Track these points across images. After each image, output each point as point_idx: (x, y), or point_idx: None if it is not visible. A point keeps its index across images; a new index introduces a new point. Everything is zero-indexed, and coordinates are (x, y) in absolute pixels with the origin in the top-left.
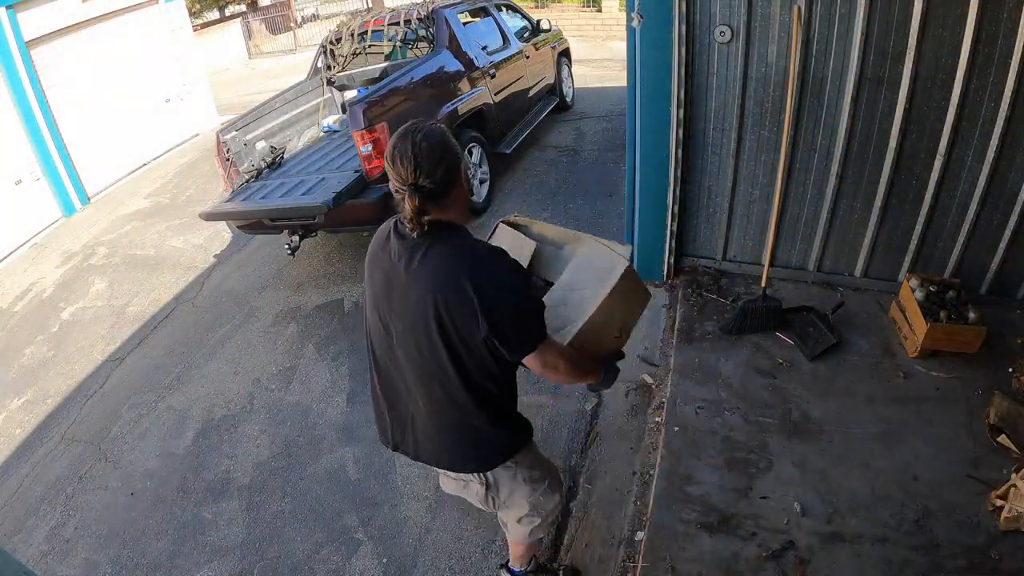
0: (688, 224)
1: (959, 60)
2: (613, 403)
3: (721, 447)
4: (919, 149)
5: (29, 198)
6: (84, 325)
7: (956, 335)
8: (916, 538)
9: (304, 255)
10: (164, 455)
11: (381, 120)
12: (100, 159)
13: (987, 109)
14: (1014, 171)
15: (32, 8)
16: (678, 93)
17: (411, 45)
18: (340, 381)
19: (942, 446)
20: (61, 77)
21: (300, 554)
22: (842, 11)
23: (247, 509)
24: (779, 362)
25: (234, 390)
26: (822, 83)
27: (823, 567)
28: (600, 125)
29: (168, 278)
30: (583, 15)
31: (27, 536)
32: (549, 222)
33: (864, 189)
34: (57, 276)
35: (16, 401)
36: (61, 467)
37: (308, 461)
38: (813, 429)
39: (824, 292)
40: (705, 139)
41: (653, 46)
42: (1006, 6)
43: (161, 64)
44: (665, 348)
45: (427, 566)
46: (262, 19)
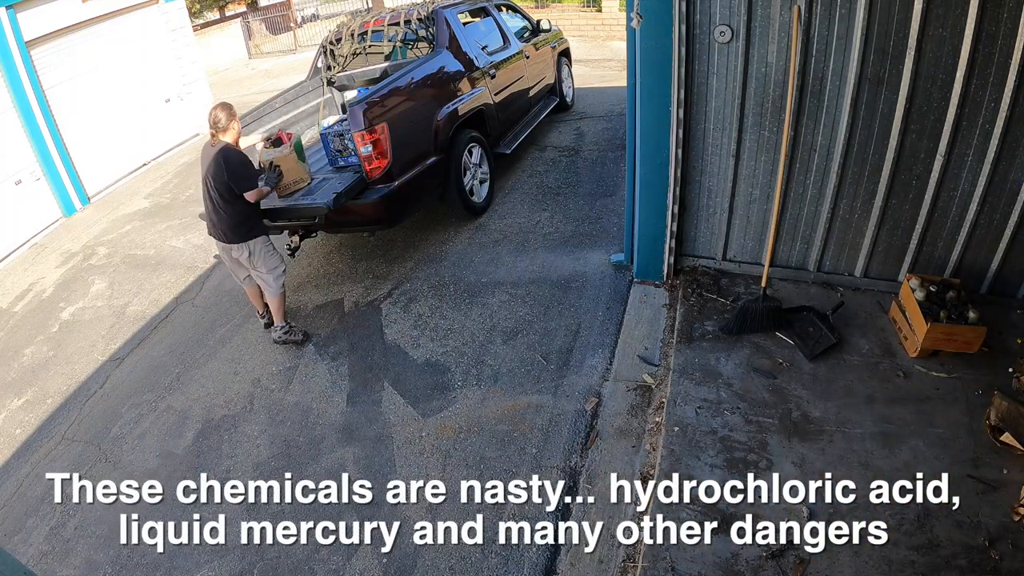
0: (688, 224)
1: (959, 60)
2: (613, 403)
3: (721, 447)
4: (919, 149)
5: (29, 198)
6: (84, 325)
7: (956, 335)
8: (916, 538)
9: (304, 255)
10: (164, 455)
11: (381, 120)
12: (100, 159)
13: (987, 109)
14: (1014, 171)
15: (32, 8)
16: (678, 93)
17: (411, 45)
18: (340, 381)
19: (942, 446)
20: (61, 77)
21: (300, 554)
22: (842, 11)
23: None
24: (779, 362)
25: (234, 390)
26: (822, 83)
27: (823, 567)
28: (600, 125)
29: (168, 278)
30: (583, 15)
31: (27, 536)
32: (549, 222)
33: (864, 189)
34: (57, 276)
35: (16, 401)
36: (61, 467)
37: (308, 461)
38: (813, 429)
39: (824, 292)
40: (705, 139)
41: (653, 46)
42: (1006, 6)
43: (161, 64)
44: (665, 348)
45: (427, 566)
46: (262, 19)
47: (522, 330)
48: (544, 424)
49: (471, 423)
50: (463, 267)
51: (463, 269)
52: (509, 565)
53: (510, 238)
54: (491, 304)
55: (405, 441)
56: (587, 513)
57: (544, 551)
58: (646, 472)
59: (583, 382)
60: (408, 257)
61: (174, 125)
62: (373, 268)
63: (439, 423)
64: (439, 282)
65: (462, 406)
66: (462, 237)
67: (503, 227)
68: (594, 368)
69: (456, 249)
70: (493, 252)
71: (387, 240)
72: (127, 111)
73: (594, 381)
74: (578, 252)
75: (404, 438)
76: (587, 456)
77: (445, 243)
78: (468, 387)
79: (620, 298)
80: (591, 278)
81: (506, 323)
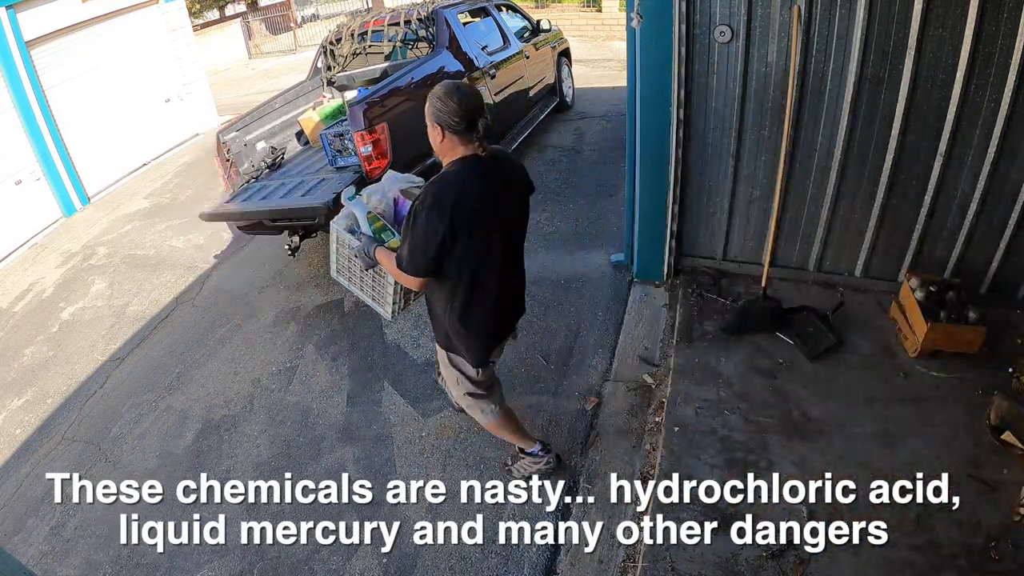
0: (688, 224)
1: (959, 60)
2: (613, 403)
3: (721, 447)
4: (919, 149)
5: (29, 198)
6: (84, 325)
7: (956, 335)
8: (916, 538)
9: (304, 255)
10: (164, 455)
11: (381, 120)
12: (100, 159)
13: (987, 109)
14: (1014, 171)
15: (32, 8)
16: (678, 93)
17: (411, 45)
18: (340, 381)
19: (942, 446)
20: (61, 77)
21: (300, 554)
22: (842, 11)
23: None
24: (779, 362)
25: (234, 390)
26: (822, 83)
27: (823, 567)
28: (600, 125)
29: (168, 278)
30: (583, 15)
31: (27, 536)
32: (549, 222)
33: (864, 189)
34: (57, 276)
35: (16, 401)
36: (61, 467)
37: (308, 461)
38: (813, 429)
39: (824, 292)
40: (705, 139)
41: (653, 46)
42: (1006, 6)
43: (161, 64)
44: (665, 348)
45: (427, 566)
46: (262, 19)
47: (522, 330)
48: (544, 424)
49: (471, 423)
50: None
51: None
52: (509, 565)
53: None
54: None
55: (405, 441)
56: (587, 513)
57: (544, 551)
58: (646, 472)
59: (583, 382)
60: None
61: (174, 125)
62: None
63: (439, 423)
64: None
65: None
66: None
67: None
68: (594, 368)
69: None
70: None
71: None
72: (127, 111)
73: (594, 381)
74: (578, 252)
75: (404, 438)
76: (587, 456)
77: None
78: None
79: (620, 298)
80: (591, 278)
81: None
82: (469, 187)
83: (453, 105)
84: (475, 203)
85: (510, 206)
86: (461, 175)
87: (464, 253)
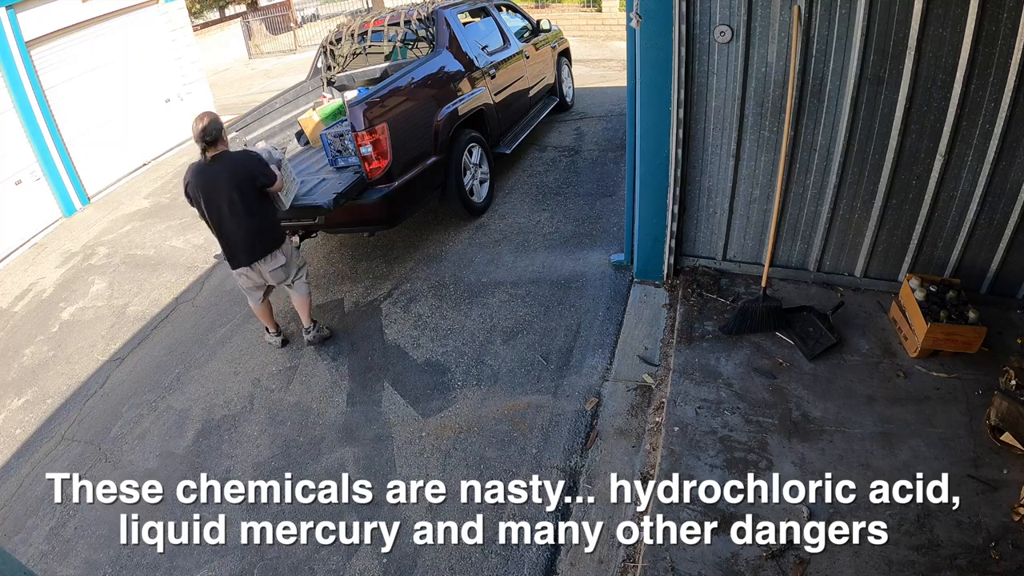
0: (688, 224)
1: (959, 60)
2: (613, 403)
3: (721, 447)
4: (919, 149)
5: (29, 198)
6: (84, 325)
7: (956, 335)
8: (916, 538)
9: (304, 255)
10: (164, 455)
11: (381, 121)
12: (100, 159)
13: (987, 109)
14: (1014, 171)
15: (32, 8)
16: (678, 93)
17: (411, 45)
18: (340, 381)
19: (942, 446)
20: (61, 77)
21: (300, 554)
22: (842, 11)
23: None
24: (779, 362)
25: (234, 390)
26: (822, 83)
27: (823, 567)
28: (600, 125)
29: (168, 278)
30: (583, 15)
31: (27, 536)
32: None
33: (864, 189)
34: (57, 276)
35: (16, 401)
36: (61, 467)
37: (308, 461)
38: (813, 429)
39: (824, 292)
40: (705, 139)
41: (653, 46)
42: (1006, 6)
43: (161, 64)
44: (665, 348)
45: (427, 566)
46: (262, 19)
47: (522, 330)
48: (544, 424)
49: (471, 423)
50: (463, 267)
51: (463, 269)
52: (509, 565)
53: (510, 238)
54: (491, 304)
55: (405, 441)
56: (587, 513)
57: (544, 551)
58: (646, 472)
59: (583, 382)
60: (408, 257)
61: (174, 125)
62: (373, 268)
63: (439, 423)
64: (439, 282)
65: (462, 406)
66: (462, 237)
67: (503, 227)
68: (594, 368)
69: (456, 249)
70: (493, 252)
71: (387, 240)
72: (127, 111)
73: (594, 381)
74: (578, 252)
75: (404, 438)
76: (587, 456)
77: (445, 243)
78: (468, 387)
79: (620, 298)
80: (591, 278)
81: (506, 323)
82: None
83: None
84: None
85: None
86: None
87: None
